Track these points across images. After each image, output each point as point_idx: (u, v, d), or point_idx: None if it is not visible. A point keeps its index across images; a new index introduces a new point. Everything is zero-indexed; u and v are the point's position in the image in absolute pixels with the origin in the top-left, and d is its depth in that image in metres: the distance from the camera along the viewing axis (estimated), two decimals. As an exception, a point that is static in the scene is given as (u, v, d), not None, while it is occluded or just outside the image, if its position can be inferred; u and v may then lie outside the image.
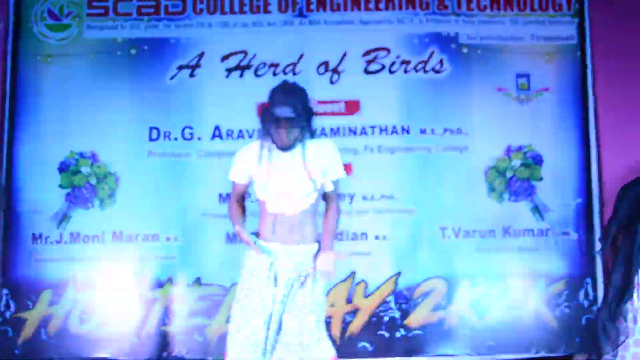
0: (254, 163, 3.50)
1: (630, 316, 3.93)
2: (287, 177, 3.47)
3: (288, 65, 5.38)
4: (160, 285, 5.30)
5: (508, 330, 5.30)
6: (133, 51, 5.34)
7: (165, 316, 5.29)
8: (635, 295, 3.90)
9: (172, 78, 5.35)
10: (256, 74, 5.40)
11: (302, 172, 3.49)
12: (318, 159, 3.52)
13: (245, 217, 3.70)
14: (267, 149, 3.48)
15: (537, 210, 5.39)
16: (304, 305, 3.45)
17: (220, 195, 5.26)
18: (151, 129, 5.34)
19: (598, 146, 5.41)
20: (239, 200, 3.69)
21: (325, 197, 3.66)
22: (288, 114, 3.33)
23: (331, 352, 3.54)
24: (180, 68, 5.35)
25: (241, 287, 3.53)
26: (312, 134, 3.57)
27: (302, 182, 3.49)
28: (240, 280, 3.57)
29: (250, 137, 5.32)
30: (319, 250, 3.54)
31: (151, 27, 5.39)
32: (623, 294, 3.91)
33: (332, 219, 3.57)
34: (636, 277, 3.87)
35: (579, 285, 5.31)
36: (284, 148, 3.40)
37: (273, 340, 3.45)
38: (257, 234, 3.58)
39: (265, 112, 3.43)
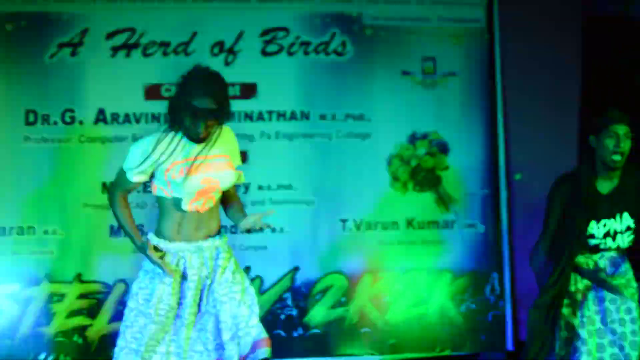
0: (162, 159, 3.41)
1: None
2: (209, 172, 3.44)
3: (180, 45, 5.44)
4: (36, 282, 5.35)
5: (412, 328, 5.51)
6: (8, 27, 5.37)
7: (42, 316, 5.35)
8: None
9: (51, 57, 5.39)
10: (145, 54, 5.45)
11: (223, 165, 3.51)
12: (230, 148, 3.56)
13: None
14: (178, 141, 3.42)
15: (442, 201, 5.63)
16: (229, 298, 3.47)
17: (104, 184, 5.35)
18: (28, 112, 5.36)
19: (505, 134, 5.70)
20: (126, 199, 3.65)
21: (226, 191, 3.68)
22: (210, 106, 3.30)
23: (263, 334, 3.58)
24: (60, 46, 5.38)
25: (140, 292, 3.48)
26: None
27: (225, 175, 3.50)
28: (138, 283, 3.52)
29: (138, 122, 5.41)
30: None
31: (29, 1, 5.46)
32: (558, 297, 4.07)
33: (235, 198, 3.63)
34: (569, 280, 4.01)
35: (485, 280, 5.60)
36: (199, 141, 3.39)
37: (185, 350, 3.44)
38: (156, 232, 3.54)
39: (180, 101, 3.37)
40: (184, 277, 3.40)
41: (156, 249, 3.38)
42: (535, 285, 4.98)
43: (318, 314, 5.45)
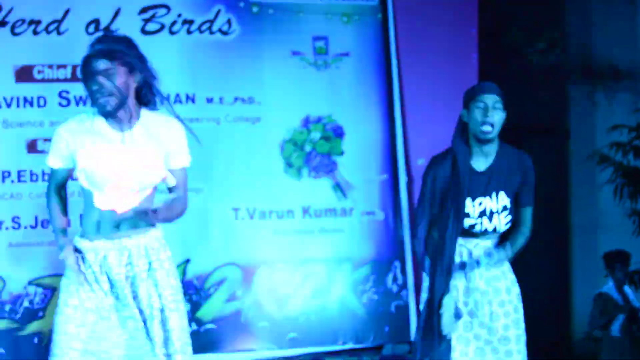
0: (79, 142, 3.41)
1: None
2: (119, 165, 3.40)
3: (51, 23, 5.71)
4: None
5: (311, 321, 5.95)
6: None
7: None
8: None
9: None
10: (13, 33, 5.69)
11: (139, 158, 3.44)
12: (161, 141, 3.47)
13: (67, 216, 3.71)
14: (94, 124, 3.40)
15: (339, 187, 6.08)
16: (163, 303, 3.51)
17: None
18: None
19: (403, 117, 6.25)
20: (60, 192, 3.64)
21: (170, 191, 3.59)
22: (99, 63, 3.26)
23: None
24: None
25: (66, 303, 3.45)
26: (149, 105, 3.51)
27: (139, 172, 3.43)
28: (62, 294, 3.48)
29: (9, 106, 5.71)
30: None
31: None
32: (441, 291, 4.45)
33: (175, 201, 3.50)
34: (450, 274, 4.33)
35: (387, 269, 6.10)
36: (107, 114, 3.33)
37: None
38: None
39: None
40: (108, 280, 3.44)
41: (77, 250, 3.47)
42: None
43: (212, 308, 5.81)
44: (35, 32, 5.81)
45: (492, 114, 3.78)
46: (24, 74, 5.87)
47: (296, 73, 6.20)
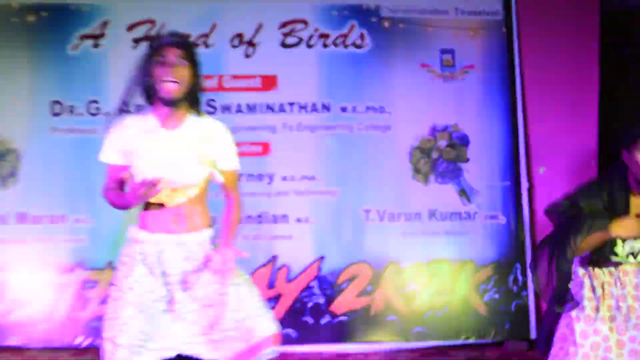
0: (132, 141, 3.53)
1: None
2: (166, 162, 3.51)
3: (200, 37, 6.06)
4: (69, 269, 6.02)
5: (436, 317, 6.15)
6: (31, 18, 6.07)
7: (77, 302, 6.03)
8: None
9: (73, 48, 6.08)
10: None
11: (184, 157, 3.56)
12: (207, 140, 3.61)
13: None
14: (146, 122, 3.54)
15: (464, 192, 6.27)
16: (215, 296, 3.56)
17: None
18: (53, 103, 6.09)
19: (525, 127, 6.37)
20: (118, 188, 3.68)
21: (222, 188, 3.77)
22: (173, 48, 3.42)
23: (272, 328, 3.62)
24: (82, 37, 6.07)
25: (120, 285, 3.58)
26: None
27: (183, 170, 3.55)
28: (118, 278, 3.62)
29: None
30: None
31: None
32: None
33: (230, 212, 3.73)
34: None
35: (508, 270, 6.23)
36: (169, 101, 3.44)
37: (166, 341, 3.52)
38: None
39: (149, 81, 3.46)
40: (164, 270, 3.56)
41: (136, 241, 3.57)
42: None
43: (344, 301, 6.08)
44: None
45: None
46: None
47: (424, 84, 6.36)
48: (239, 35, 6.18)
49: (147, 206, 3.54)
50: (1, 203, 6.09)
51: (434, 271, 6.29)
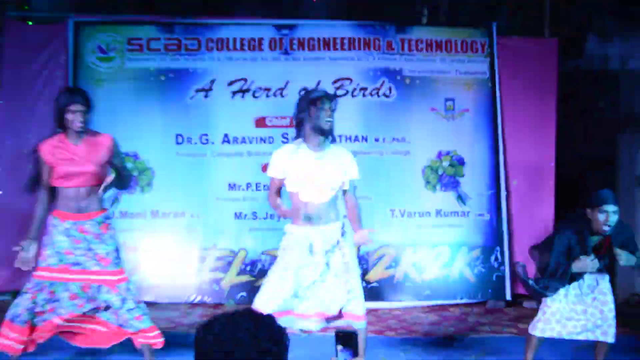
0: (289, 160, 4.40)
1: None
2: (314, 174, 4.34)
3: (277, 90, 7.36)
4: (187, 249, 7.26)
5: (440, 283, 7.38)
6: (162, 78, 7.38)
7: (191, 271, 7.27)
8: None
9: (191, 98, 7.38)
10: (254, 96, 7.38)
11: (326, 170, 4.36)
12: (342, 162, 4.48)
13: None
14: (300, 148, 4.43)
15: (460, 198, 7.52)
16: (343, 267, 4.41)
17: (229, 184, 7.34)
18: (177, 135, 7.37)
19: (504, 152, 7.58)
20: (276, 193, 4.63)
21: (344, 192, 4.63)
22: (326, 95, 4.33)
23: (363, 310, 4.50)
24: (197, 91, 7.34)
25: (280, 259, 4.48)
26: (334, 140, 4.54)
27: (325, 178, 4.38)
28: (280, 254, 4.56)
29: (250, 142, 7.32)
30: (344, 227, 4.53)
31: (175, 60, 7.40)
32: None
33: (354, 208, 4.63)
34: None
35: (491, 252, 7.50)
36: (324, 132, 4.34)
37: (304, 294, 4.38)
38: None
39: (302, 112, 4.41)
40: (310, 250, 4.37)
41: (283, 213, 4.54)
42: (523, 256, 6.30)
43: (376, 273, 7.30)
44: (267, 96, 7.47)
45: (612, 219, 4.54)
46: (259, 122, 7.51)
47: (433, 122, 7.57)
48: (304, 89, 6.93)
49: (296, 207, 4.46)
50: (141, 204, 7.30)
51: (438, 252, 7.49)
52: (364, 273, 7.26)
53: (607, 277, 4.79)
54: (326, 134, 4.45)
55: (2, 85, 7.42)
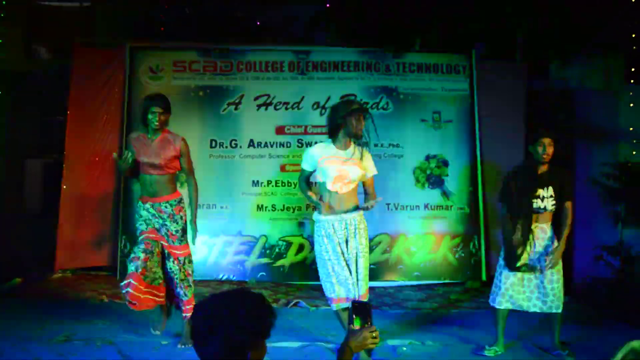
0: (320, 155, 4.25)
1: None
2: (341, 168, 4.22)
3: (294, 104, 7.20)
4: (217, 234, 7.11)
5: (427, 266, 7.16)
6: (201, 93, 7.28)
7: (220, 253, 7.14)
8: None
9: (223, 111, 7.25)
10: (275, 108, 7.25)
11: (351, 166, 4.27)
12: (364, 160, 4.38)
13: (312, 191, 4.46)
14: (328, 146, 4.32)
15: (445, 194, 7.27)
16: (359, 251, 4.28)
17: (252, 181, 7.13)
18: (211, 140, 7.21)
19: (481, 155, 7.34)
20: (308, 182, 4.48)
21: (364, 185, 4.55)
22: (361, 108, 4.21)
23: (365, 290, 4.31)
24: (229, 104, 7.25)
25: (320, 247, 4.30)
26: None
27: (351, 172, 4.27)
28: (317, 242, 4.35)
29: (271, 147, 7.13)
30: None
31: (211, 79, 7.30)
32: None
33: (370, 196, 4.46)
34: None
35: (470, 239, 7.25)
36: (358, 136, 4.24)
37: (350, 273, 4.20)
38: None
39: (337, 118, 4.20)
40: (333, 236, 4.21)
41: (321, 199, 4.22)
42: (499, 245, 6.23)
43: (374, 257, 6.85)
44: (286, 109, 7.31)
45: (549, 150, 4.40)
46: (279, 130, 7.33)
47: (422, 131, 7.34)
48: (317, 103, 7.23)
49: (322, 195, 4.29)
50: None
51: (426, 240, 7.23)
52: None
53: (553, 250, 4.45)
54: (356, 138, 4.31)
55: (71, 98, 7.34)
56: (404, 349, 4.54)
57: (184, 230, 4.59)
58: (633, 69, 8.44)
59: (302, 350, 4.51)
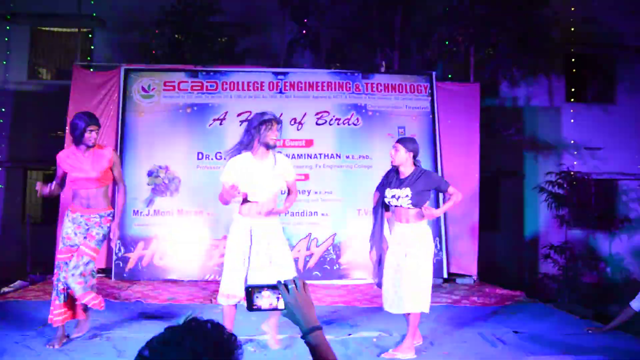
0: (239, 168, 3.89)
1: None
2: (259, 178, 3.89)
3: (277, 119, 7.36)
4: (203, 238, 7.02)
5: None
6: (188, 110, 7.27)
7: (206, 256, 7.05)
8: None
9: (209, 125, 7.23)
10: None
11: (269, 175, 3.93)
12: (281, 167, 3.98)
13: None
14: (246, 159, 3.92)
15: None
16: (274, 249, 3.92)
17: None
18: (198, 153, 7.18)
19: (441, 164, 7.46)
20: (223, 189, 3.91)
21: (288, 190, 4.18)
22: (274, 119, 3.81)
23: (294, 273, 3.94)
24: (214, 120, 7.24)
25: (230, 242, 3.96)
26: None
27: (269, 182, 3.93)
28: (229, 238, 4.01)
29: None
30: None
31: (198, 97, 7.29)
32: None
33: (290, 201, 4.09)
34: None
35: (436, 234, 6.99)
36: (272, 147, 3.83)
37: (252, 269, 3.84)
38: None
39: (260, 136, 3.82)
40: (251, 237, 3.86)
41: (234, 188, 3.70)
42: (458, 244, 6.96)
43: (346, 257, 7.14)
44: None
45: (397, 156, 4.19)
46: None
47: (389, 144, 6.41)
48: (294, 119, 7.31)
49: (244, 203, 3.92)
50: (170, 204, 7.10)
51: None
52: (337, 257, 7.19)
53: (413, 253, 4.03)
54: (271, 148, 3.92)
55: (70, 115, 7.18)
56: (374, 340, 4.47)
57: (105, 237, 4.19)
58: (573, 89, 8.97)
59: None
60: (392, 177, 4.28)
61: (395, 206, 4.13)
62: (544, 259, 7.50)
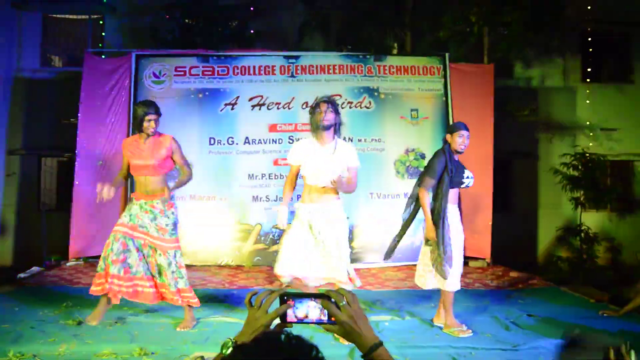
0: (304, 151, 3.90)
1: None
2: (321, 162, 3.86)
3: (285, 104, 7.18)
4: (215, 223, 7.00)
5: (407, 249, 6.77)
6: (200, 95, 7.24)
7: (219, 239, 7.02)
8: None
9: (221, 110, 7.20)
10: (268, 108, 7.22)
11: (332, 160, 3.89)
12: (343, 152, 3.97)
13: (291, 193, 4.11)
14: (310, 142, 3.94)
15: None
16: (335, 237, 3.90)
17: (248, 174, 7.07)
18: (210, 138, 7.16)
19: None
20: (291, 180, 4.04)
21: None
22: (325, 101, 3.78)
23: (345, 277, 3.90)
24: (226, 105, 7.21)
25: (291, 229, 3.95)
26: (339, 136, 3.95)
27: (331, 166, 3.89)
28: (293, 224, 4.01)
29: (265, 143, 7.06)
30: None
31: (210, 82, 7.26)
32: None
33: (348, 180, 3.92)
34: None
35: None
36: (326, 127, 3.77)
37: (314, 256, 3.84)
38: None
39: (312, 119, 3.84)
40: (312, 222, 3.86)
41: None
42: (471, 227, 6.69)
43: (359, 241, 7.11)
44: (277, 108, 7.26)
45: (466, 142, 4.28)
46: (272, 128, 7.33)
47: (401, 127, 7.35)
48: (305, 103, 7.12)
49: (305, 189, 3.94)
50: (183, 189, 6.28)
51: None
52: (351, 241, 6.99)
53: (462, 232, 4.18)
54: (323, 129, 3.87)
55: (82, 102, 7.25)
56: (386, 324, 4.46)
57: (175, 225, 4.26)
58: (589, 69, 8.76)
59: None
60: (453, 161, 4.27)
61: (460, 187, 4.22)
62: (558, 242, 7.36)
